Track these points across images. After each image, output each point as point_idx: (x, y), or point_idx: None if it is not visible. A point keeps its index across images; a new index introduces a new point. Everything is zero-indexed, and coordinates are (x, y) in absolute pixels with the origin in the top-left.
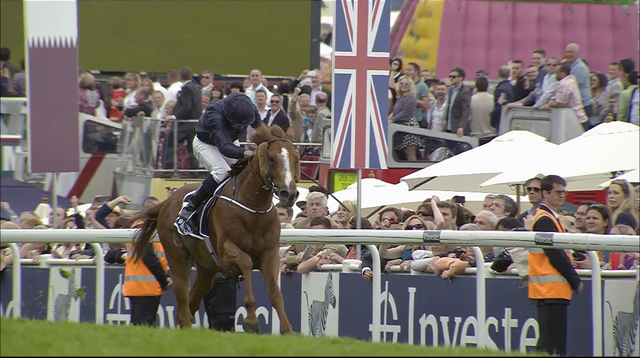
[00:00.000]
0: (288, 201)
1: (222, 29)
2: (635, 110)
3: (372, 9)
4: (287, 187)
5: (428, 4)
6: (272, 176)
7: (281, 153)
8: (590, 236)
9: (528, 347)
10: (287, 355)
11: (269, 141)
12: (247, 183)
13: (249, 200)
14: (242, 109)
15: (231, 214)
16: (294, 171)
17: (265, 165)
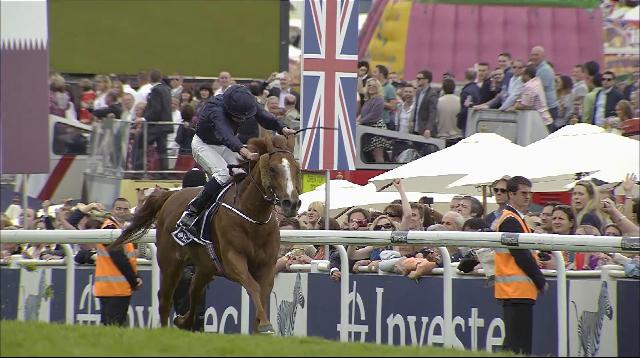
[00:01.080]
0: (291, 211)
1: (192, 32)
2: (599, 112)
3: (340, 12)
4: (289, 196)
5: (395, 7)
6: (274, 186)
7: (282, 164)
8: (556, 236)
9: (494, 346)
10: (256, 355)
11: (270, 152)
12: (247, 193)
13: (249, 210)
14: (244, 101)
15: (232, 222)
16: (295, 182)
17: (266, 176)
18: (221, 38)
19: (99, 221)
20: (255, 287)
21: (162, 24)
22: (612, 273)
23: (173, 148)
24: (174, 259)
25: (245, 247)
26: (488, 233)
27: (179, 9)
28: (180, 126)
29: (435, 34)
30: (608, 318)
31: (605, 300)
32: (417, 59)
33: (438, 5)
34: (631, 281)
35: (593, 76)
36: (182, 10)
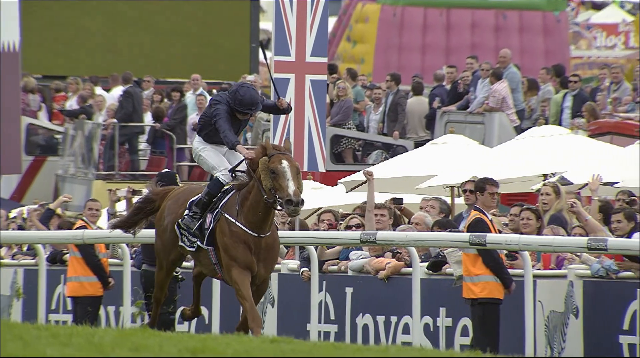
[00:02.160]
0: (293, 210)
1: (163, 34)
2: (566, 114)
3: (310, 14)
4: (292, 196)
5: (365, 10)
6: (275, 188)
7: (282, 165)
8: (523, 237)
9: (462, 345)
10: (226, 354)
11: (269, 154)
12: (249, 204)
13: (251, 223)
14: (250, 96)
15: (235, 238)
16: (296, 182)
17: (267, 179)
18: (192, 41)
19: (71, 221)
20: (259, 322)
21: (134, 25)
22: (578, 273)
23: (144, 149)
24: (174, 255)
25: (249, 264)
26: (456, 234)
27: (151, 10)
28: (152, 127)
29: (404, 37)
30: (574, 318)
31: (571, 300)
32: (386, 62)
33: (407, 8)
34: (597, 281)
35: (560, 78)
36: (154, 12)
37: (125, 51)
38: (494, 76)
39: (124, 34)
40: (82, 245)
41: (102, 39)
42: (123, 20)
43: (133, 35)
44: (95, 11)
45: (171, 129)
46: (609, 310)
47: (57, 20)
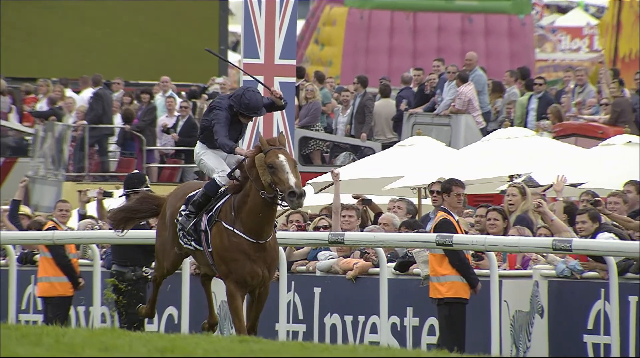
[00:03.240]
0: (297, 201)
1: (132, 37)
2: (531, 116)
3: (279, 17)
4: (293, 187)
5: (332, 13)
6: (275, 182)
7: (279, 159)
8: (489, 237)
9: (429, 344)
10: (195, 354)
11: (264, 151)
12: (248, 208)
13: (250, 229)
14: (256, 101)
15: (233, 247)
16: (295, 175)
17: (265, 174)
18: (162, 43)
19: (41, 222)
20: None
21: (104, 27)
22: (543, 273)
23: (114, 150)
24: (173, 253)
25: (246, 275)
26: (423, 234)
27: (121, 13)
28: (121, 129)
29: (371, 40)
30: (539, 317)
31: (536, 300)
32: (354, 64)
33: (374, 11)
34: (562, 281)
35: (525, 81)
36: (124, 15)
37: (95, 53)
38: (460, 78)
39: (94, 36)
40: (52, 245)
41: (73, 41)
42: (93, 22)
43: (103, 37)
44: (65, 13)
45: (141, 131)
46: (574, 310)
47: (27, 22)
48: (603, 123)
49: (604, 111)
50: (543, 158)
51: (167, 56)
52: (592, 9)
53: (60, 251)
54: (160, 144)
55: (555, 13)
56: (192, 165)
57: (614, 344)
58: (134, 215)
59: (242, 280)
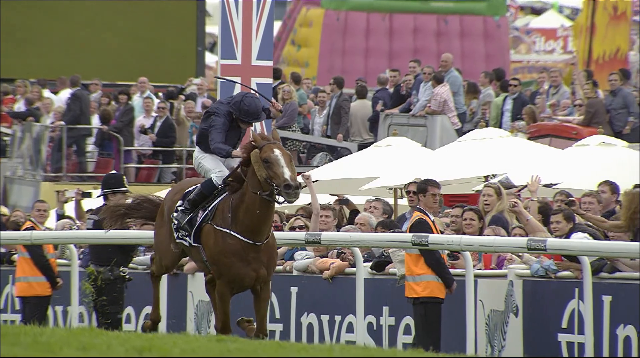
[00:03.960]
0: (293, 194)
1: (110, 38)
2: (506, 117)
3: (256, 18)
4: (289, 180)
5: (309, 15)
6: (270, 177)
7: (274, 154)
8: (464, 237)
9: (405, 343)
10: (173, 353)
11: (259, 146)
12: (245, 206)
13: (248, 228)
14: (255, 106)
15: (227, 249)
16: (290, 168)
17: (261, 169)
18: (139, 44)
19: (18, 222)
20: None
21: (81, 27)
22: (518, 272)
23: (92, 151)
24: (170, 251)
25: (238, 277)
26: (399, 234)
27: (99, 14)
28: (99, 129)
29: (347, 41)
30: (514, 317)
31: (511, 299)
32: (330, 65)
33: (350, 13)
34: (536, 281)
35: (500, 82)
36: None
37: (73, 54)
38: (435, 79)
39: (72, 37)
40: (30, 245)
41: (50, 42)
42: (71, 23)
43: (81, 38)
44: (43, 14)
45: (118, 132)
46: (548, 309)
47: (4, 22)
48: (577, 124)
49: (578, 112)
50: (518, 158)
51: (145, 57)
52: (567, 11)
53: (39, 251)
54: (138, 145)
55: (529, 15)
56: (170, 165)
57: (587, 343)
58: (130, 214)
59: (234, 283)
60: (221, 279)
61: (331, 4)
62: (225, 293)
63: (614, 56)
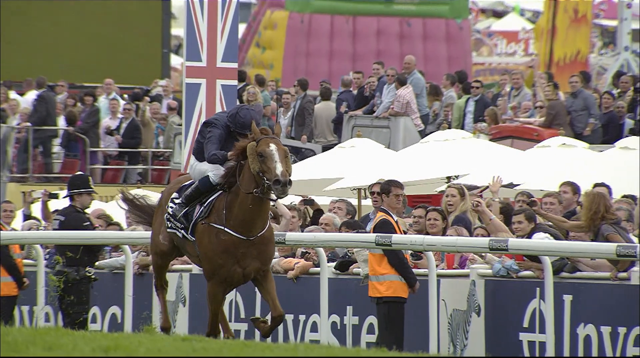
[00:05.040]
0: (282, 189)
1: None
2: (469, 118)
3: (221, 20)
4: (279, 175)
5: (273, 17)
6: (263, 171)
7: (270, 148)
8: (427, 237)
9: (368, 343)
10: (138, 353)
11: (256, 139)
12: (239, 201)
13: (241, 223)
14: (250, 118)
15: (220, 247)
16: (284, 165)
17: (255, 162)
18: (105, 46)
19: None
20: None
21: (48, 29)
22: (480, 272)
23: (58, 152)
24: (159, 243)
25: (228, 273)
26: (363, 234)
27: (65, 15)
28: (65, 131)
29: (311, 43)
30: (476, 316)
31: (473, 298)
32: (295, 67)
33: (314, 16)
34: (498, 281)
35: (462, 84)
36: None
37: (39, 56)
38: (399, 81)
39: (38, 38)
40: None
41: (16, 44)
42: (37, 24)
43: (47, 39)
44: (8, 15)
45: (84, 133)
46: (510, 309)
47: None
48: (538, 126)
49: (539, 114)
50: (480, 159)
51: (111, 59)
52: (528, 14)
53: (5, 251)
54: (104, 146)
55: (491, 17)
56: (136, 166)
57: (549, 342)
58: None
59: (225, 281)
60: (213, 279)
61: (295, 6)
62: (216, 294)
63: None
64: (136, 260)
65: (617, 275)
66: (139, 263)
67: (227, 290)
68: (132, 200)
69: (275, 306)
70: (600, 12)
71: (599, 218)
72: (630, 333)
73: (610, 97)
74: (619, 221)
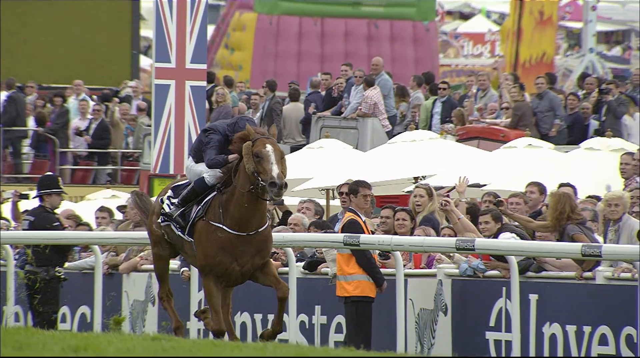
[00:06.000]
0: (277, 192)
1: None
2: (436, 119)
3: (190, 22)
4: (275, 178)
5: (242, 19)
6: (259, 172)
7: (266, 149)
8: (395, 237)
9: (336, 342)
10: (108, 352)
11: (252, 139)
12: (235, 199)
13: (237, 220)
14: None
15: (217, 245)
16: (280, 166)
17: (250, 162)
18: (75, 47)
19: None
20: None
21: (17, 30)
22: (447, 272)
23: (28, 152)
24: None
25: (225, 271)
26: (331, 235)
27: (34, 16)
28: (35, 131)
29: (280, 45)
30: (443, 315)
31: (440, 298)
32: (263, 68)
33: (282, 17)
34: (465, 280)
35: (429, 86)
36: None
37: (8, 57)
38: (366, 82)
39: (7, 39)
40: None
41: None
42: (6, 25)
43: (16, 40)
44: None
45: (54, 134)
46: (477, 308)
47: None
48: (505, 127)
49: (506, 115)
50: (447, 160)
51: (80, 60)
52: (494, 16)
53: None
54: (73, 147)
55: (458, 19)
56: (105, 167)
57: (515, 341)
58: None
59: (222, 277)
60: (210, 275)
61: (264, 8)
62: (212, 289)
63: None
64: (105, 260)
65: (582, 274)
66: (108, 263)
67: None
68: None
69: (281, 285)
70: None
71: (565, 218)
72: (595, 332)
73: (575, 99)
74: (584, 221)
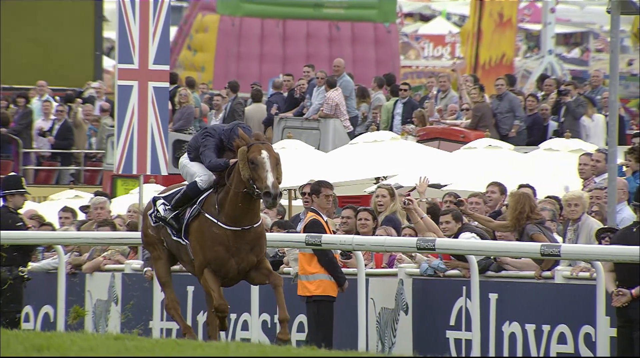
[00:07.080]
0: (272, 202)
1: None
2: (397, 120)
3: (152, 23)
4: (270, 188)
5: (205, 20)
6: (254, 178)
7: (261, 155)
8: (356, 237)
9: (298, 341)
10: (71, 351)
11: (248, 144)
12: (230, 199)
13: (233, 217)
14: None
15: (214, 239)
16: (275, 173)
17: (245, 169)
18: (38, 48)
19: None
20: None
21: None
22: (408, 271)
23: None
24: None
25: (223, 266)
26: (293, 234)
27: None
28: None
29: (242, 46)
30: (404, 314)
31: (401, 297)
32: (226, 70)
33: (245, 19)
34: (425, 279)
35: (390, 87)
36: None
37: None
38: (328, 84)
39: None
40: None
41: None
42: None
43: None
44: None
45: (17, 134)
46: (437, 307)
47: None
48: (465, 127)
49: (466, 116)
50: (408, 160)
51: (43, 61)
52: (454, 18)
53: None
54: (37, 147)
55: (419, 21)
56: (68, 167)
57: (475, 340)
58: None
59: (219, 272)
60: (207, 269)
61: (226, 9)
62: (209, 274)
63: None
64: (69, 260)
65: (541, 273)
66: (72, 262)
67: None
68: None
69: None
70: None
71: (524, 218)
72: (554, 331)
73: (534, 100)
74: (543, 221)
